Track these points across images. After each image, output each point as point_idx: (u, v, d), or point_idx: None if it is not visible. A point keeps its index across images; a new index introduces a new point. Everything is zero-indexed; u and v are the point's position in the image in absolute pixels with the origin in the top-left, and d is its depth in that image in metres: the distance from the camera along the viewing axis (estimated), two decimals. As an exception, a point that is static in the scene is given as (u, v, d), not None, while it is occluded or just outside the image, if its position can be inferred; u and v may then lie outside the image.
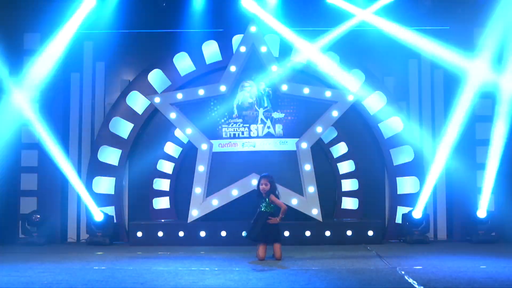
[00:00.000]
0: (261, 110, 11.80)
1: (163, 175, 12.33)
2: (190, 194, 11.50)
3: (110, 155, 12.29)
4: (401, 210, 12.05)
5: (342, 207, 12.35)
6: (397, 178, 12.34)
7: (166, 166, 12.39)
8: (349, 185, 12.37)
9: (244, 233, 9.89)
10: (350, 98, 11.75)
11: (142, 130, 12.32)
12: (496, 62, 11.05)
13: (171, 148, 12.37)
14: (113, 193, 12.11)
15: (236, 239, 10.79)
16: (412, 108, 12.55)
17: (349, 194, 12.38)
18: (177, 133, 12.15)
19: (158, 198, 12.41)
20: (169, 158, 12.37)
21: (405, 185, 12.28)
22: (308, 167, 11.51)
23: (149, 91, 12.07)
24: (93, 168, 12.21)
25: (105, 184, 12.21)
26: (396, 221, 12.08)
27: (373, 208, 12.33)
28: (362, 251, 10.03)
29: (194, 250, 10.31)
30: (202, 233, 11.27)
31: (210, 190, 11.57)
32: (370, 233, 11.34)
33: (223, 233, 11.30)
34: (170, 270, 7.90)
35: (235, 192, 11.47)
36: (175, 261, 8.85)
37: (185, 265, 8.41)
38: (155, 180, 12.29)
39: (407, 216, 11.70)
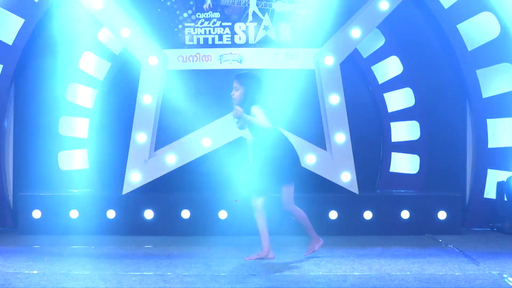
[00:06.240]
0: (253, -1, 9.14)
1: (77, 110, 9.24)
2: (125, 146, 8.78)
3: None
4: (495, 176, 9.11)
5: (391, 170, 9.29)
6: (488, 120, 9.08)
7: (82, 94, 9.27)
8: (404, 131, 9.32)
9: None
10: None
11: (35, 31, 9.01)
12: None
13: (91, 63, 9.17)
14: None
15: (211, 223, 8.39)
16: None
17: (404, 147, 9.31)
18: (104, 35, 9.16)
19: (68, 152, 9.21)
20: (87, 80, 9.16)
21: (503, 133, 9.12)
22: (335, 99, 8.77)
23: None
24: None
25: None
26: (486, 195, 9.19)
27: (445, 172, 9.28)
28: (430, 245, 8.15)
29: (135, 242, 8.15)
30: (148, 214, 8.63)
31: (161, 139, 8.91)
32: (442, 215, 8.63)
33: (185, 214, 8.57)
34: (106, 275, 6.16)
35: (206, 142, 8.79)
36: (104, 261, 6.93)
37: (128, 268, 6.58)
38: (62, 118, 9.10)
39: (507, 187, 8.91)
